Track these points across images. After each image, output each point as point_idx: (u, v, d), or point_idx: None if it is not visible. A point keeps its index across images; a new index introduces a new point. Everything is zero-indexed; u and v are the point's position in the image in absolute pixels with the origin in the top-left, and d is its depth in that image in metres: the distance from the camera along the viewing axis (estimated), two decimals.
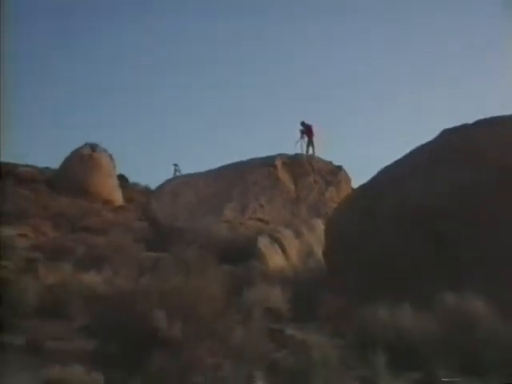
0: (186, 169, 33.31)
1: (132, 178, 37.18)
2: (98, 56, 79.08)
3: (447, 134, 11.21)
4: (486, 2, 55.79)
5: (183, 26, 77.94)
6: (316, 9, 74.45)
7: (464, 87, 73.86)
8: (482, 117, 10.94)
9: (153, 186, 28.80)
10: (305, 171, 21.71)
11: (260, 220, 19.45)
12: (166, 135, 74.30)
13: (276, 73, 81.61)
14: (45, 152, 70.63)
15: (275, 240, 16.87)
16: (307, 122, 22.84)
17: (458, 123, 11.23)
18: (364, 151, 63.02)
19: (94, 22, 78.06)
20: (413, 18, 73.26)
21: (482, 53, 69.04)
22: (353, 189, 19.76)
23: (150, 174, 73.50)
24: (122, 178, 33.83)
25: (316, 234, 17.08)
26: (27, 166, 33.65)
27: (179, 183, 22.26)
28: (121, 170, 33.93)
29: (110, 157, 31.99)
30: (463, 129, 11.05)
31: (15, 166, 32.53)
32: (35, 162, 35.31)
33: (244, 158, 22.43)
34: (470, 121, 11.04)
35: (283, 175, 21.24)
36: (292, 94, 77.93)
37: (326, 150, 23.70)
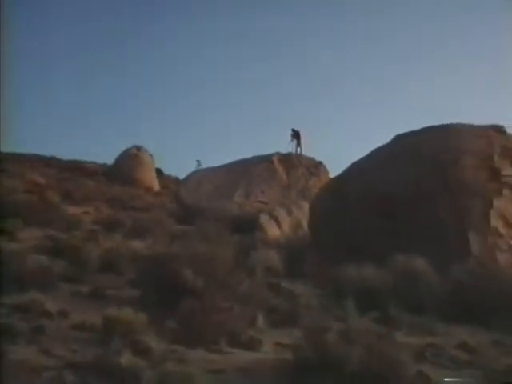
0: (206, 163, 33.19)
1: (166, 171, 37.15)
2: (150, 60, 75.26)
3: (398, 139, 11.20)
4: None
5: (188, 27, 74.30)
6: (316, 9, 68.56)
7: (463, 86, 67.53)
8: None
9: (181, 176, 28.81)
10: (294, 165, 21.74)
11: (261, 202, 19.50)
12: (191, 139, 74.29)
13: (275, 78, 78.52)
14: (103, 150, 70.49)
15: (272, 217, 16.89)
16: (296, 128, 22.89)
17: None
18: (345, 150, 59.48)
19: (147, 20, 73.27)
20: (411, 17, 67.09)
21: (482, 52, 63.23)
22: (330, 179, 19.76)
23: (180, 167, 73.81)
24: (158, 171, 33.83)
25: (303, 212, 17.06)
26: (90, 162, 33.82)
27: (201, 175, 22.30)
28: (158, 164, 33.94)
29: (150, 155, 32.09)
30: (411, 134, 11.03)
31: (83, 162, 32.85)
32: (95, 159, 35.44)
33: (249, 156, 22.51)
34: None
35: (278, 168, 21.26)
36: (290, 100, 75.77)
37: (310, 149, 23.58)
